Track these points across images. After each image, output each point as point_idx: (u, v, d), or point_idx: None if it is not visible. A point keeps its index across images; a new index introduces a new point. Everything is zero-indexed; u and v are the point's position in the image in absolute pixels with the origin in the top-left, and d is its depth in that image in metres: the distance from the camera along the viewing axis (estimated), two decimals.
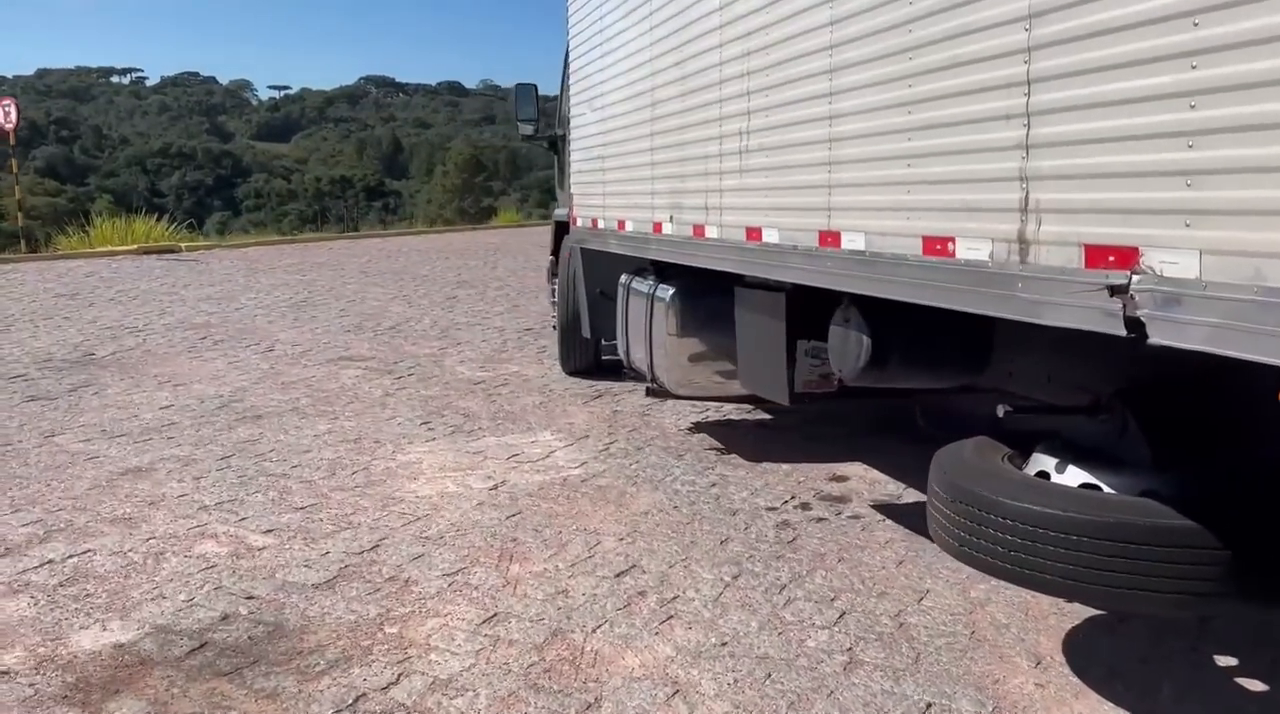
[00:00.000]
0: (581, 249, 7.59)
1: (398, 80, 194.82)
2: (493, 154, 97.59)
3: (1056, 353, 3.63)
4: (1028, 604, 3.98)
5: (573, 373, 8.36)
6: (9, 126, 18.23)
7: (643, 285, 6.24)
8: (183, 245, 19.65)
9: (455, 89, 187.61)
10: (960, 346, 3.82)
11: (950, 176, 2.85)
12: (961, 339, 3.80)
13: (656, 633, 3.75)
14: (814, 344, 4.57)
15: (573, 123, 7.32)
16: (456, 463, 5.91)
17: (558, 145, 9.38)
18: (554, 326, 8.63)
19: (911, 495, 5.37)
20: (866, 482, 5.59)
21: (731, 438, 6.43)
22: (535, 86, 9.20)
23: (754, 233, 4.22)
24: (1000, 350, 3.84)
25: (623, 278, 6.67)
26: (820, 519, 4.99)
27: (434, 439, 6.44)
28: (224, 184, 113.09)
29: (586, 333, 7.84)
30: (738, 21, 4.27)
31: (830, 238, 3.56)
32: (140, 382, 8.12)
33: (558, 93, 9.35)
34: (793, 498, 5.30)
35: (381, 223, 60.46)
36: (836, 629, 3.78)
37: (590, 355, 8.26)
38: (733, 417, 7.03)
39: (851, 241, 3.42)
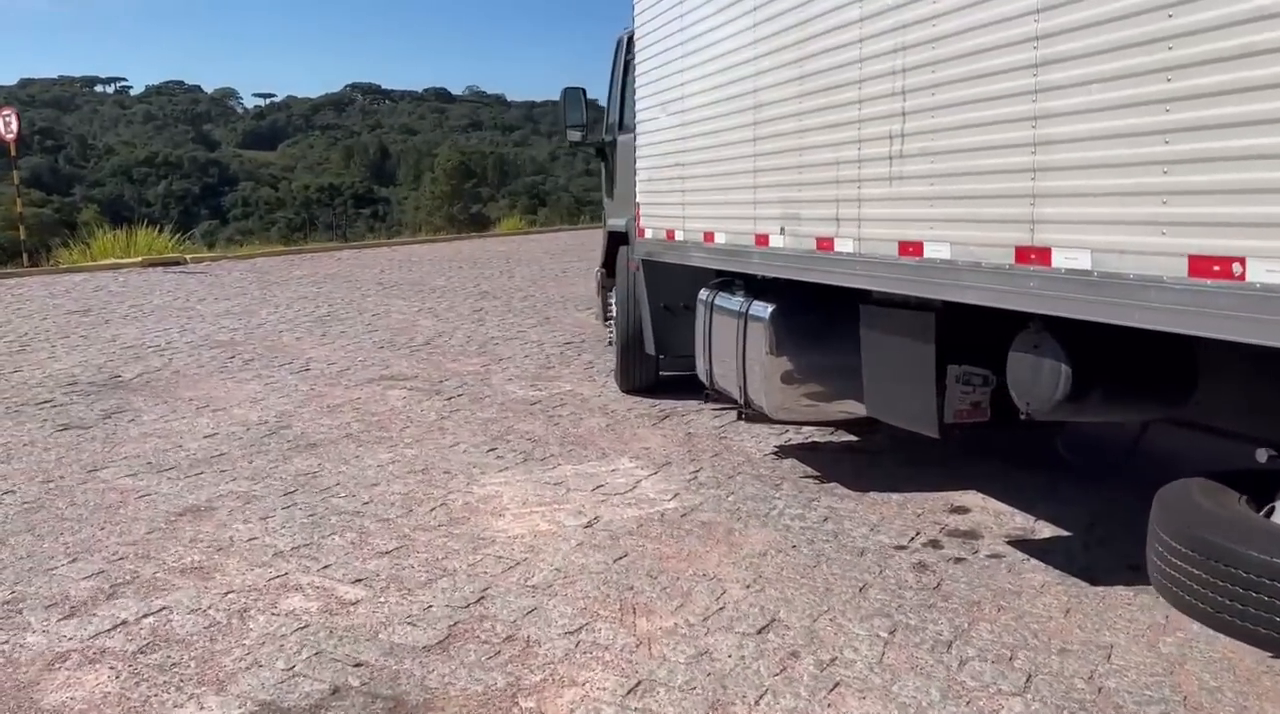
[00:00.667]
0: (645, 261, 7.15)
1: (384, 87, 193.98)
2: (481, 160, 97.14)
3: (1262, 379, 3.22)
4: (1231, 662, 3.56)
5: (631, 391, 7.92)
6: (10, 137, 17.68)
7: (731, 302, 5.80)
8: (187, 257, 19.12)
9: (442, 95, 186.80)
10: (1165, 375, 3.40)
11: (1237, 186, 2.42)
12: (1166, 367, 3.39)
13: (829, 704, 3.31)
14: (967, 370, 4.14)
15: (640, 128, 6.88)
16: (539, 496, 5.46)
17: (606, 153, 8.94)
18: (609, 342, 8.19)
19: (1046, 529, 4.96)
20: (990, 513, 5.16)
21: (825, 464, 5.99)
22: (584, 90, 8.75)
23: (910, 247, 3.79)
24: (1205, 378, 3.42)
25: (703, 293, 6.24)
26: (958, 559, 4.56)
27: (506, 468, 5.99)
28: (211, 192, 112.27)
29: (651, 349, 7.40)
30: (887, 14, 3.84)
31: (1034, 254, 3.13)
32: (176, 406, 7.63)
33: (607, 98, 8.92)
34: (917, 534, 4.87)
35: (370, 230, 59.95)
36: (1030, 697, 3.34)
37: (652, 373, 7.83)
38: (816, 439, 6.60)
39: (1069, 259, 2.99)
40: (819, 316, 5.33)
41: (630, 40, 8.23)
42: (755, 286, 5.74)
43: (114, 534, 4.90)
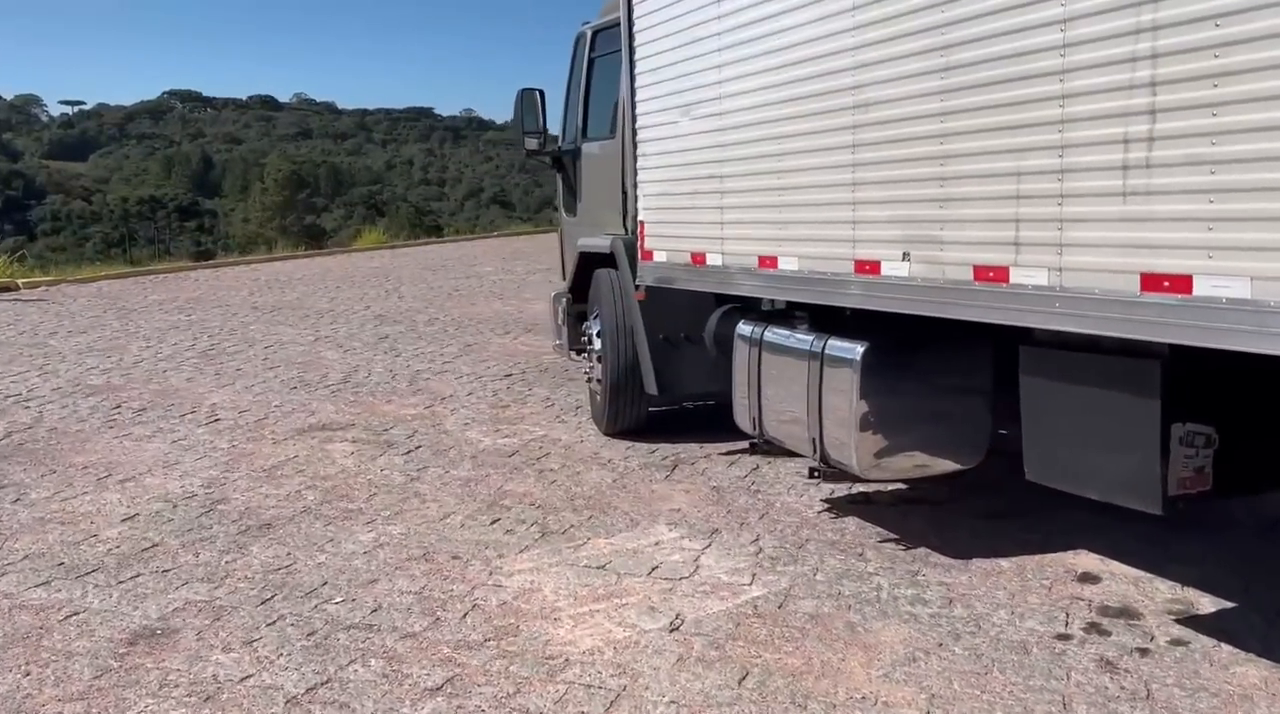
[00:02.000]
0: (647, 289, 6.18)
1: (205, 94, 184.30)
2: (313, 169, 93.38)
3: None
4: None
5: (617, 434, 6.92)
6: None
7: (794, 338, 4.90)
8: (19, 281, 16.88)
9: (268, 103, 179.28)
10: None
11: None
12: None
13: None
14: (1193, 428, 3.35)
15: (644, 134, 5.92)
16: (589, 587, 4.42)
17: (565, 163, 7.91)
18: (590, 380, 7.15)
19: (1203, 599, 4.25)
20: (1125, 581, 4.43)
21: (893, 521, 5.16)
22: (542, 93, 7.70)
23: (1164, 280, 2.97)
24: None
25: (745, 327, 5.32)
26: (1141, 650, 3.79)
27: (525, 547, 4.91)
28: (15, 206, 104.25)
29: (652, 388, 6.43)
30: None
31: None
32: (69, 477, 6.18)
33: (564, 103, 7.89)
34: (1067, 617, 4.09)
35: (198, 244, 56.12)
36: None
37: (644, 413, 6.84)
38: (861, 488, 5.75)
39: None
40: (927, 356, 4.50)
41: (596, 38, 7.26)
42: (821, 319, 4.86)
43: (48, 688, 3.60)
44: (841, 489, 5.72)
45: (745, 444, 6.59)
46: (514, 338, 11.45)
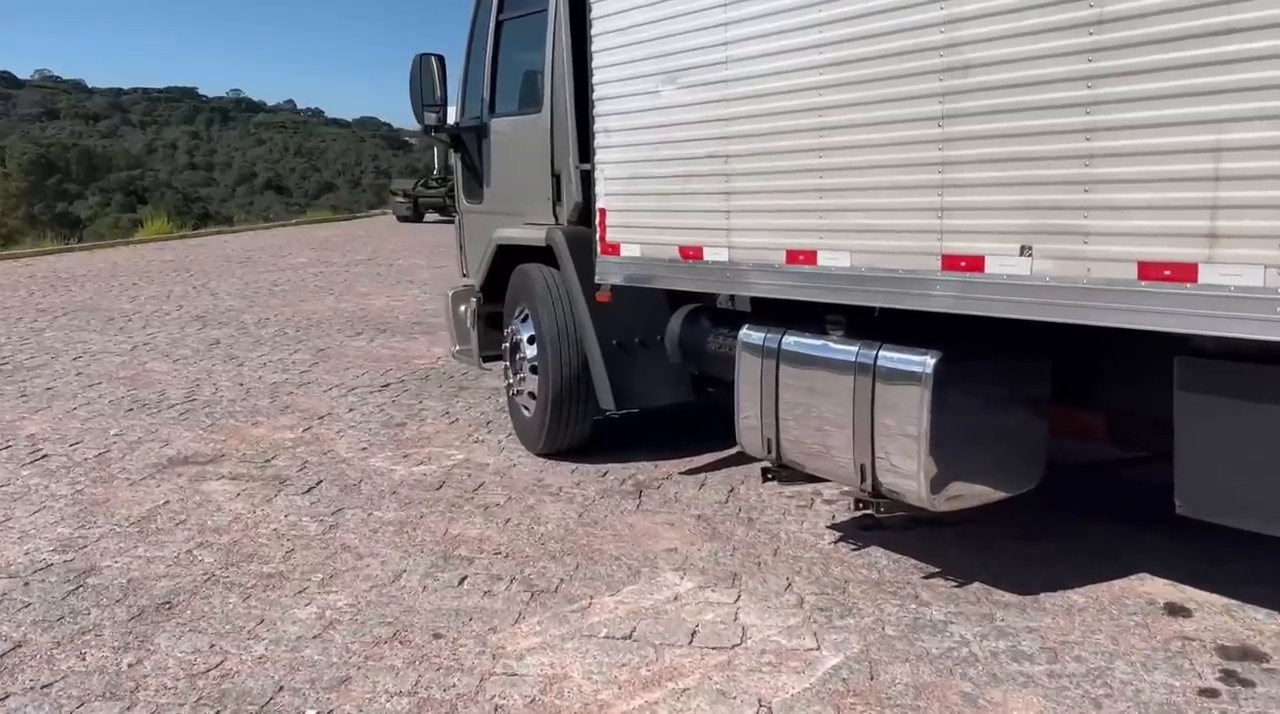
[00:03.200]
0: (612, 289, 5.31)
1: None
2: (63, 153, 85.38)
3: None
4: None
5: (552, 453, 6.00)
6: None
7: (831, 347, 4.16)
8: None
9: (6, 79, 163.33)
10: None
11: None
12: None
13: None
14: None
15: (610, 107, 5.01)
16: (627, 667, 3.54)
17: (466, 142, 6.87)
18: (515, 393, 6.18)
19: None
20: (1218, 611, 3.96)
21: (924, 550, 4.54)
22: (442, 59, 6.60)
23: None
24: None
25: (752, 335, 4.53)
26: None
27: (520, 615, 3.97)
28: None
29: (609, 403, 5.55)
30: None
31: None
32: None
33: (463, 73, 6.85)
34: (1191, 664, 3.55)
35: None
36: None
37: (587, 430, 5.94)
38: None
39: None
40: (995, 366, 3.89)
41: None
42: (859, 323, 4.14)
43: None
44: (839, 511, 5.05)
45: (703, 459, 5.88)
46: (370, 341, 10.20)
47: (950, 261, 3.53)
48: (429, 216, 30.30)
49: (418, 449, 6.30)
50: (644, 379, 5.63)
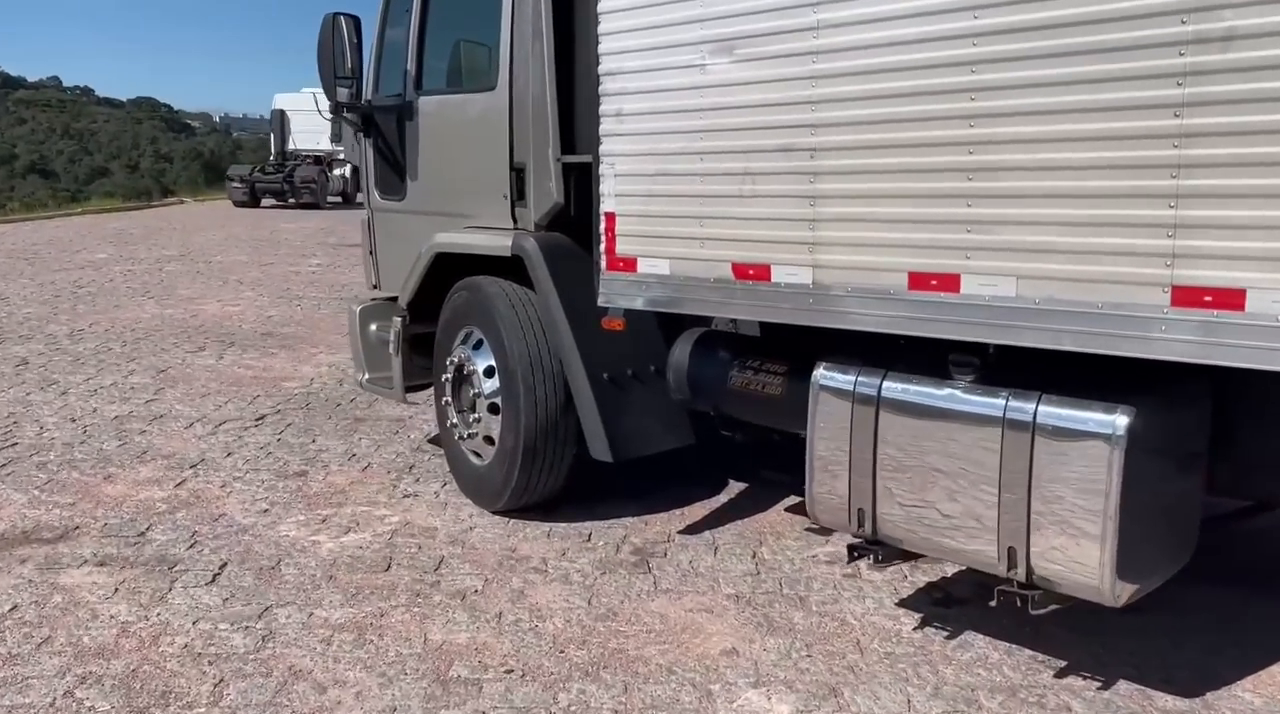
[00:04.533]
0: (600, 313, 4.25)
1: None
2: None
3: None
4: None
5: (510, 511, 4.88)
6: None
7: (964, 399, 3.27)
8: None
9: None
10: None
11: None
12: None
13: None
14: None
15: (623, 84, 3.94)
16: None
17: (384, 125, 5.60)
18: (461, 436, 5.00)
19: None
20: None
21: (1025, 633, 3.72)
22: (358, 21, 5.29)
23: None
24: None
25: (830, 376, 3.59)
26: None
27: None
28: None
29: (604, 452, 4.47)
30: None
31: None
32: None
33: (376, 47, 5.59)
34: None
35: None
36: None
37: (561, 480, 4.85)
38: (947, 584, 4.25)
39: None
40: (1185, 419, 3.12)
41: None
42: (985, 364, 3.27)
43: None
44: (899, 585, 4.18)
45: (695, 511, 4.94)
46: (219, 357, 8.64)
47: (1187, 295, 2.68)
48: (265, 201, 29.71)
49: (335, 509, 5.02)
50: (641, 420, 4.60)
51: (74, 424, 6.45)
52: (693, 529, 4.78)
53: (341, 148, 31.77)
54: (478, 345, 4.90)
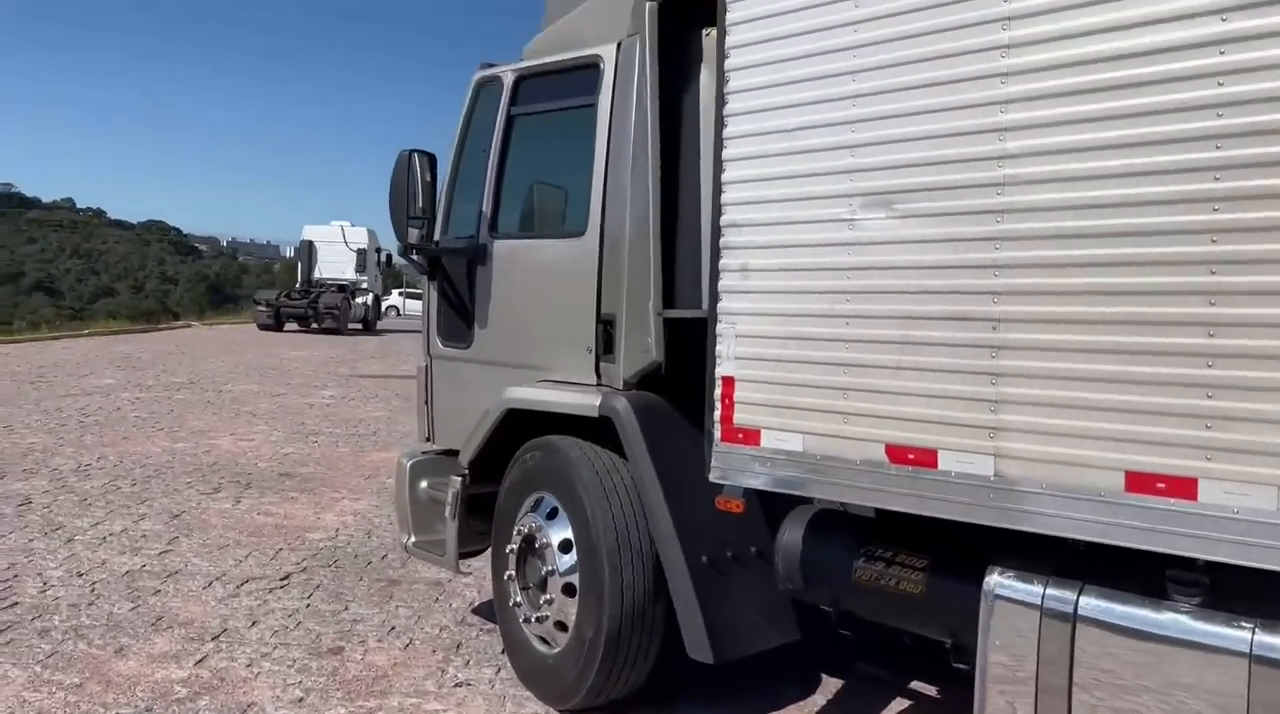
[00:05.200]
0: (715, 492, 3.73)
1: None
2: None
3: None
4: None
5: (583, 710, 4.24)
6: None
7: (1192, 626, 2.71)
8: None
9: None
10: None
11: None
12: None
13: None
14: None
15: (747, 239, 3.52)
16: None
17: (452, 269, 5.19)
18: (529, 619, 4.40)
19: None
20: None
21: None
22: (434, 159, 4.92)
23: None
24: None
25: (1009, 585, 3.05)
26: None
27: None
28: None
29: (704, 653, 3.87)
30: None
31: None
32: None
33: (448, 184, 5.21)
34: None
35: None
36: None
37: (644, 676, 4.23)
38: None
39: None
40: None
41: (525, 85, 4.84)
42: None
43: None
44: None
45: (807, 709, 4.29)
46: (236, 501, 8.04)
47: None
48: (289, 326, 31.34)
49: (379, 700, 4.37)
50: (745, 613, 4.01)
51: (81, 580, 5.82)
52: None
53: (365, 278, 34.19)
54: (551, 514, 4.35)
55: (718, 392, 3.62)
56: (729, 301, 3.58)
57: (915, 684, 4.77)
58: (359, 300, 33.07)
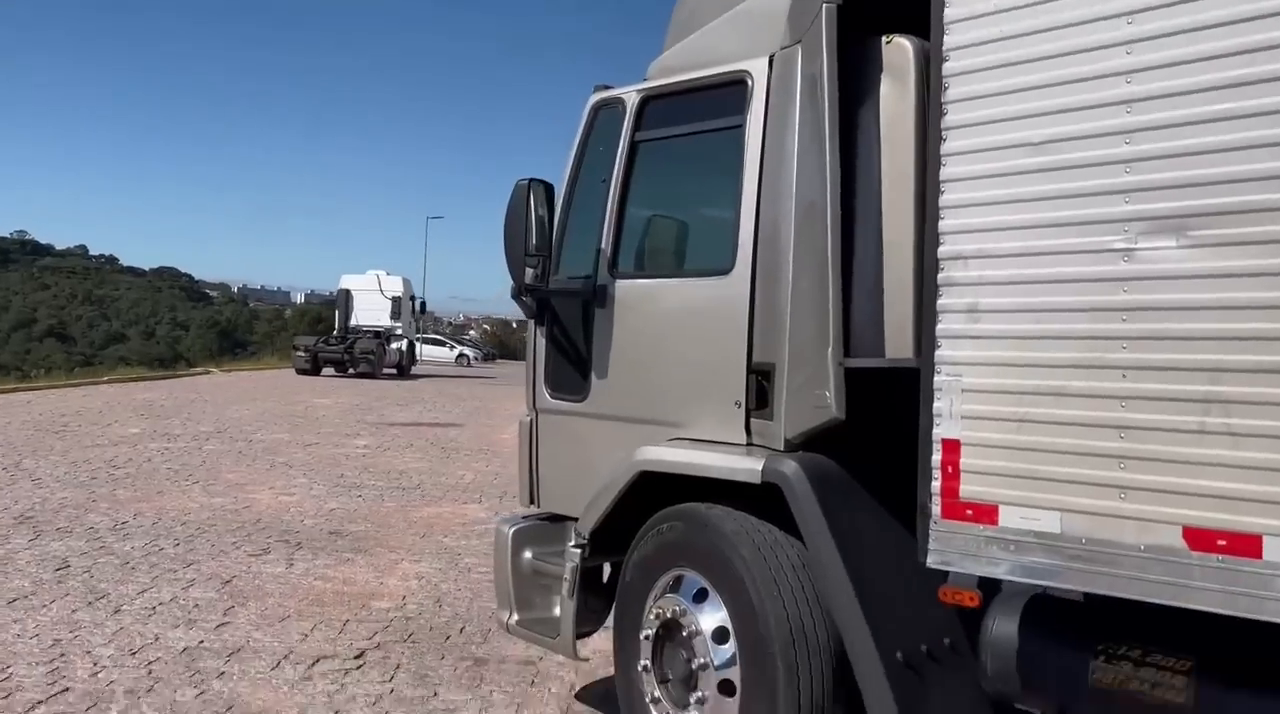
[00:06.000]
0: (939, 581, 3.14)
1: None
2: None
3: None
4: None
5: None
6: None
7: None
8: None
9: None
10: None
11: None
12: None
13: None
14: None
15: (981, 273, 2.94)
16: None
17: (564, 312, 4.63)
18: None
19: None
20: None
21: None
22: (552, 188, 4.38)
23: None
24: None
25: None
26: None
27: None
28: None
29: None
30: None
31: None
32: None
33: (559, 221, 4.63)
34: None
35: None
36: None
37: None
38: None
39: None
40: None
41: (652, 108, 4.29)
42: None
43: None
44: None
45: None
46: (289, 564, 7.43)
47: None
48: (326, 370, 32.22)
49: None
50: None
51: (135, 659, 5.20)
52: None
53: (399, 324, 34.90)
54: (699, 596, 3.73)
55: (936, 457, 3.02)
56: (951, 349, 2.99)
57: None
58: (393, 346, 34.04)
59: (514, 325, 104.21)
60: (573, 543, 4.36)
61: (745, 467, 3.65)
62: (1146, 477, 2.62)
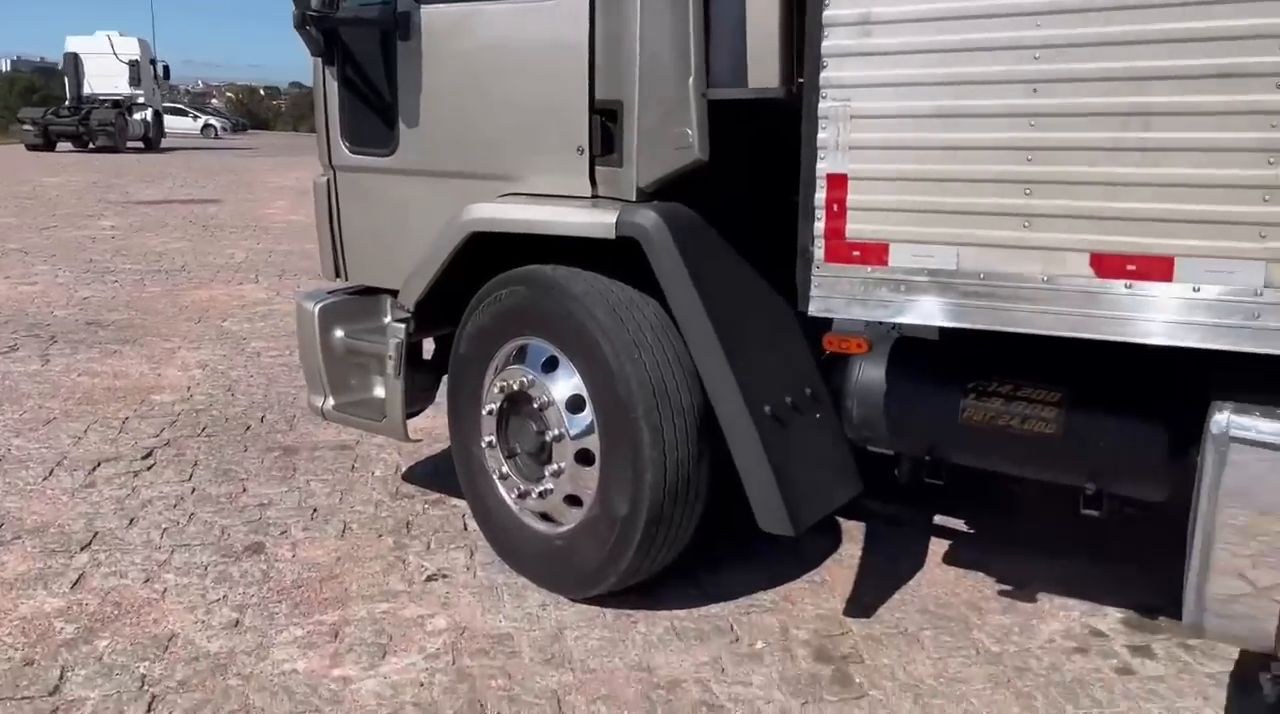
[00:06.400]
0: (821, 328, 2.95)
1: None
2: None
3: None
4: None
5: (596, 598, 3.48)
6: None
7: None
8: None
9: None
10: None
11: None
12: None
13: None
14: None
15: None
16: None
17: (354, 44, 3.94)
18: (526, 495, 3.52)
19: None
20: None
21: None
22: None
23: None
24: None
25: (1244, 422, 2.39)
26: None
27: None
28: None
29: (781, 524, 3.13)
30: None
31: None
32: None
33: None
34: None
35: None
36: None
37: (678, 551, 3.47)
38: None
39: None
40: None
41: None
42: None
43: None
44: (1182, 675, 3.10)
45: (836, 573, 3.76)
46: (44, 361, 6.59)
47: None
48: (61, 145, 29.74)
49: (339, 610, 3.43)
50: (814, 472, 3.27)
51: None
52: (861, 608, 3.51)
53: (141, 92, 31.31)
54: (548, 365, 3.40)
55: (820, 196, 2.72)
56: (838, 68, 2.64)
57: (940, 520, 4.24)
58: (136, 116, 31.41)
59: (261, 93, 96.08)
60: (394, 317, 3.90)
61: (596, 221, 3.25)
62: (1054, 202, 2.41)
